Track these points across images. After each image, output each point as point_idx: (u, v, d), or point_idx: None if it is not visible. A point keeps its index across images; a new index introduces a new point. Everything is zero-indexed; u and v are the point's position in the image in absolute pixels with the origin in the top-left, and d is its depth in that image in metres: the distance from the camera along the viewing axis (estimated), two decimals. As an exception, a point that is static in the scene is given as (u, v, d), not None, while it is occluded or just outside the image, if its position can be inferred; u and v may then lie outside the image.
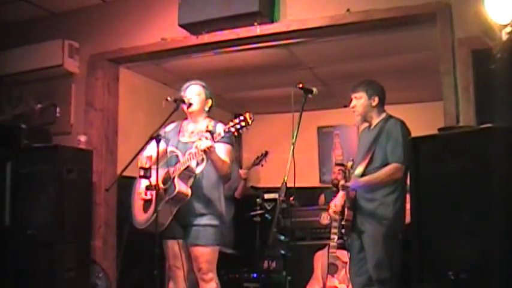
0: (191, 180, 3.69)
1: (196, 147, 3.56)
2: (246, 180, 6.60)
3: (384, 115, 4.05)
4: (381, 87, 4.09)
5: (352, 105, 4.10)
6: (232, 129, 3.38)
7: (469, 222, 3.26)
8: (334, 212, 4.16)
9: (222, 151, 3.72)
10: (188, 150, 3.71)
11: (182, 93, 3.94)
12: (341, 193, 4.07)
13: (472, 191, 3.30)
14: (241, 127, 3.35)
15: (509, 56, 3.32)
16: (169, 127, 4.01)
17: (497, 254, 3.16)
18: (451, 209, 3.36)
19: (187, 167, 3.64)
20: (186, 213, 3.71)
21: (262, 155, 6.53)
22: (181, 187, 3.61)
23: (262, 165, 6.51)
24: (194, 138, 3.81)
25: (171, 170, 3.67)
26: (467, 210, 3.28)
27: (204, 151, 3.47)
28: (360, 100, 4.06)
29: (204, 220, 3.74)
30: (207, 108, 3.97)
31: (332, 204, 4.17)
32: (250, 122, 3.34)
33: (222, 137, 3.50)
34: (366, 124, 4.16)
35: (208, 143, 3.44)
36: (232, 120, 3.39)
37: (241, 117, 3.35)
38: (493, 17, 3.31)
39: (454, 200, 3.36)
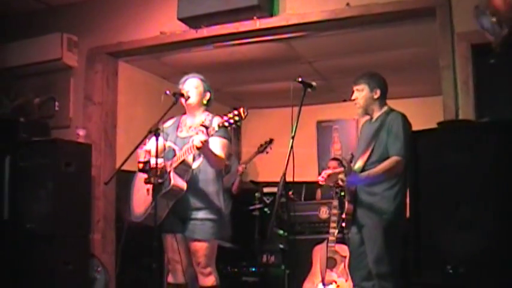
0: (188, 175, 3.69)
1: (192, 142, 3.56)
2: (241, 176, 6.58)
3: (385, 108, 4.04)
4: (383, 80, 4.07)
5: (353, 97, 4.09)
6: (226, 124, 3.37)
7: (468, 216, 3.26)
8: (322, 181, 4.07)
9: (218, 145, 3.72)
10: (186, 144, 3.70)
11: (180, 86, 3.93)
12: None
13: (471, 185, 3.30)
14: (235, 121, 3.34)
15: (508, 50, 3.31)
16: (169, 123, 4.01)
17: (495, 247, 3.16)
18: (449, 203, 3.36)
19: (183, 161, 3.63)
20: (184, 207, 3.72)
21: (266, 142, 6.49)
22: (177, 181, 3.61)
23: (267, 153, 6.47)
24: (192, 133, 3.80)
25: (168, 164, 3.67)
26: (466, 204, 3.29)
27: (197, 147, 3.46)
28: (361, 92, 4.04)
29: (201, 214, 3.74)
30: (205, 101, 3.96)
31: (323, 172, 4.09)
32: (243, 116, 3.33)
33: (217, 131, 3.48)
34: (367, 117, 4.15)
35: (202, 137, 3.43)
36: (226, 115, 3.38)
37: (235, 112, 3.34)
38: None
39: (453, 194, 3.36)
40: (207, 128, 3.45)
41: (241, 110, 3.33)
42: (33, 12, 5.87)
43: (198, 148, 3.46)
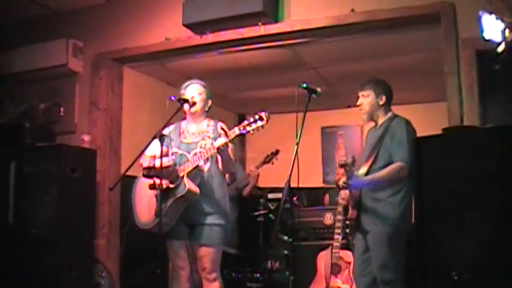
0: (198, 179, 3.69)
1: (202, 146, 3.56)
2: (256, 178, 6.49)
3: (389, 114, 4.03)
4: (389, 86, 4.07)
5: (358, 103, 4.08)
6: (248, 128, 3.37)
7: (472, 223, 3.26)
8: (342, 199, 4.13)
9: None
10: (192, 150, 3.71)
11: (182, 92, 3.93)
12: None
13: (476, 191, 3.30)
14: (258, 127, 3.37)
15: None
16: (169, 129, 4.00)
17: (500, 254, 3.15)
18: (454, 209, 3.36)
19: (197, 166, 3.64)
20: (193, 213, 3.70)
21: (272, 153, 6.46)
22: (191, 186, 3.60)
23: (272, 163, 6.44)
24: (197, 139, 3.81)
25: (180, 168, 3.66)
26: (471, 210, 3.28)
27: (218, 149, 3.48)
28: (367, 98, 4.03)
29: (211, 219, 3.73)
30: (207, 109, 3.97)
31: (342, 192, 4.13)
32: (266, 120, 3.35)
33: (221, 135, 3.49)
34: (373, 124, 4.14)
35: (223, 140, 3.45)
36: (247, 119, 3.39)
37: (257, 116, 3.36)
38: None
39: (458, 200, 3.36)
40: (226, 132, 3.46)
41: (264, 114, 3.36)
42: (39, 18, 5.89)
43: (218, 150, 3.48)
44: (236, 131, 3.44)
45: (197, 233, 3.73)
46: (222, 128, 3.50)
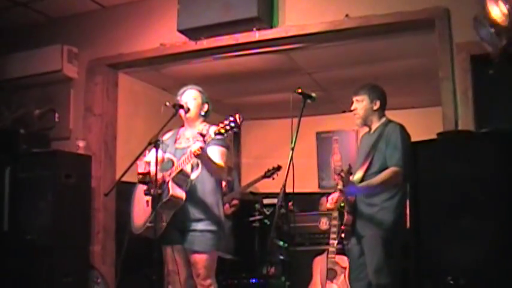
0: (186, 185, 3.68)
1: (190, 151, 3.56)
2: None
3: (383, 119, 4.05)
4: (383, 91, 4.08)
5: (353, 107, 4.09)
6: (222, 131, 3.36)
7: (468, 227, 3.26)
8: (330, 205, 4.12)
9: (217, 154, 3.71)
10: (184, 155, 3.71)
11: (178, 98, 3.94)
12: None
13: (471, 195, 3.30)
14: (231, 128, 3.34)
15: (507, 61, 3.33)
16: (167, 135, 4.01)
17: (496, 258, 3.16)
18: (450, 214, 3.36)
19: (181, 171, 3.62)
20: (183, 219, 3.70)
21: (274, 168, 6.41)
22: (175, 191, 3.59)
23: (273, 179, 6.40)
24: (190, 143, 3.81)
25: (166, 174, 3.67)
26: (466, 215, 3.29)
27: (196, 154, 3.45)
28: (361, 103, 4.05)
29: (201, 225, 3.72)
30: (203, 113, 3.97)
31: (330, 197, 4.12)
32: (239, 122, 3.33)
33: (213, 139, 3.47)
34: (367, 129, 4.15)
35: (198, 144, 3.43)
36: (222, 122, 3.38)
37: (231, 118, 3.35)
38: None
39: (453, 204, 3.36)
40: (203, 135, 3.44)
41: (237, 116, 3.34)
42: (34, 24, 5.89)
43: (196, 156, 3.46)
44: (212, 135, 3.43)
45: (189, 239, 3.73)
46: (199, 133, 3.47)
